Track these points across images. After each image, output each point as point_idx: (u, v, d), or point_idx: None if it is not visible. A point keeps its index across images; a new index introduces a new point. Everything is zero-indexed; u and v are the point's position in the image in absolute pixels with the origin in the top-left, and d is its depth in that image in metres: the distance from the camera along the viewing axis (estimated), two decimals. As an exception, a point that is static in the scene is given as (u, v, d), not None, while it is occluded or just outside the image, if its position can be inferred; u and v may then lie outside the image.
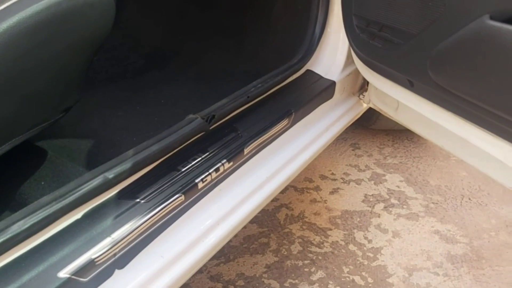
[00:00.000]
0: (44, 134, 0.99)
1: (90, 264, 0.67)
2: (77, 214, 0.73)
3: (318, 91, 1.30)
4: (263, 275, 1.29)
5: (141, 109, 1.30)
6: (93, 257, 0.68)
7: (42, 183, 0.99)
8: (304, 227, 1.49)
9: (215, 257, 1.34)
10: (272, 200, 1.61)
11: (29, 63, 0.76)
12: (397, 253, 1.39)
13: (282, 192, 1.66)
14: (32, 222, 0.64)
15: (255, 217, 1.52)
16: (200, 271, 1.29)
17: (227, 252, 1.37)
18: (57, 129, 1.06)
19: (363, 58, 1.14)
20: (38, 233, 0.66)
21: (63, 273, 0.65)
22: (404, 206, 1.58)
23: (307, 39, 1.36)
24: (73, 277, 0.65)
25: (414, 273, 1.32)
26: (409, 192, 1.65)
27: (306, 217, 1.54)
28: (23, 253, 0.64)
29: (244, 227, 1.47)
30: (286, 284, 1.26)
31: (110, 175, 0.77)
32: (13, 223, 0.64)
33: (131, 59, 1.62)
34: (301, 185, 1.70)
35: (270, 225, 1.49)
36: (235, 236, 1.44)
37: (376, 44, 1.04)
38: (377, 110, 1.38)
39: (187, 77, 1.47)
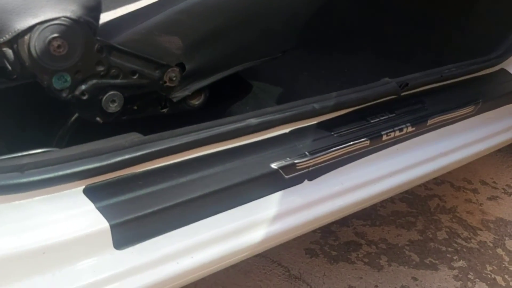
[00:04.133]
0: (249, 72, 1.20)
1: (292, 166, 0.84)
2: (285, 129, 0.90)
3: (509, 90, 1.30)
4: (405, 247, 1.37)
5: (326, 73, 1.45)
6: (295, 161, 0.85)
7: (247, 108, 1.21)
8: (454, 220, 1.51)
9: (362, 218, 1.46)
10: (426, 188, 1.65)
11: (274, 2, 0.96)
12: (549, 273, 1.34)
13: (438, 184, 1.69)
14: (261, 120, 0.83)
15: (406, 197, 1.59)
16: (347, 225, 1.42)
17: (374, 218, 1.47)
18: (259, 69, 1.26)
19: None
20: (261, 132, 0.85)
21: (274, 165, 0.83)
22: None
23: (509, 39, 1.36)
24: (280, 170, 0.83)
25: None
26: None
27: (458, 213, 1.55)
28: (252, 142, 0.83)
29: (394, 202, 1.55)
30: (426, 261, 1.32)
31: (317, 106, 0.92)
32: (248, 118, 0.83)
33: (320, 28, 1.77)
34: (458, 183, 1.70)
35: (420, 209, 1.55)
36: (384, 207, 1.53)
37: None
38: None
39: (369, 52, 1.56)
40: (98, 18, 0.77)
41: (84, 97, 0.81)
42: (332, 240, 1.34)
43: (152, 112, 0.97)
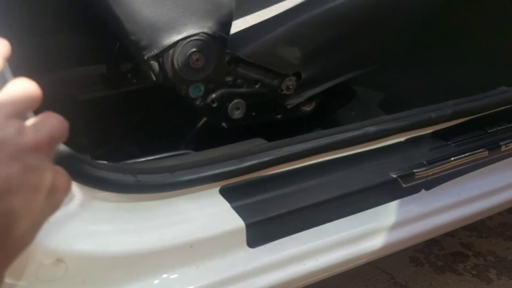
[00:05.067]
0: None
1: (411, 176, 0.85)
2: (401, 138, 0.91)
3: None
4: (516, 261, 1.31)
5: (427, 79, 1.41)
6: (414, 171, 0.85)
7: (352, 113, 1.23)
8: None
9: (467, 229, 1.41)
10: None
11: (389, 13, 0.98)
12: None
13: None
14: (378, 129, 0.85)
15: (514, 210, 1.51)
16: (451, 235, 1.38)
17: (480, 229, 1.42)
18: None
19: None
20: (378, 140, 0.86)
21: (393, 174, 0.84)
22: None
23: None
24: (399, 179, 0.84)
25: None
26: None
27: None
28: (369, 149, 0.85)
29: (501, 214, 1.49)
30: (541, 277, 1.26)
31: (433, 115, 0.92)
32: (366, 126, 0.85)
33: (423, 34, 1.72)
34: None
35: (530, 222, 1.47)
36: (491, 219, 1.47)
37: None
38: None
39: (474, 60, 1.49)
40: (229, 33, 0.84)
41: (214, 105, 0.87)
42: (437, 249, 1.32)
43: (267, 118, 1.02)
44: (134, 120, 1.13)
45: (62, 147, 0.60)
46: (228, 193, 0.73)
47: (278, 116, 1.02)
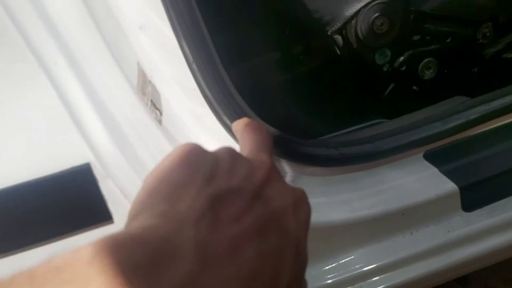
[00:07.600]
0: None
1: None
2: None
3: None
4: None
5: None
6: None
7: None
8: None
9: None
10: None
11: None
12: None
13: None
14: None
15: None
16: None
17: None
18: None
19: None
20: None
21: None
22: None
23: None
24: None
25: None
26: None
27: None
28: None
29: None
30: None
31: None
32: None
33: None
34: None
35: None
36: None
37: None
38: None
39: None
40: (411, -12, 0.79)
41: (402, 68, 0.84)
42: None
43: (462, 74, 0.95)
44: (314, 98, 1.15)
45: (273, 130, 0.65)
46: (433, 158, 0.70)
47: (474, 69, 0.94)
